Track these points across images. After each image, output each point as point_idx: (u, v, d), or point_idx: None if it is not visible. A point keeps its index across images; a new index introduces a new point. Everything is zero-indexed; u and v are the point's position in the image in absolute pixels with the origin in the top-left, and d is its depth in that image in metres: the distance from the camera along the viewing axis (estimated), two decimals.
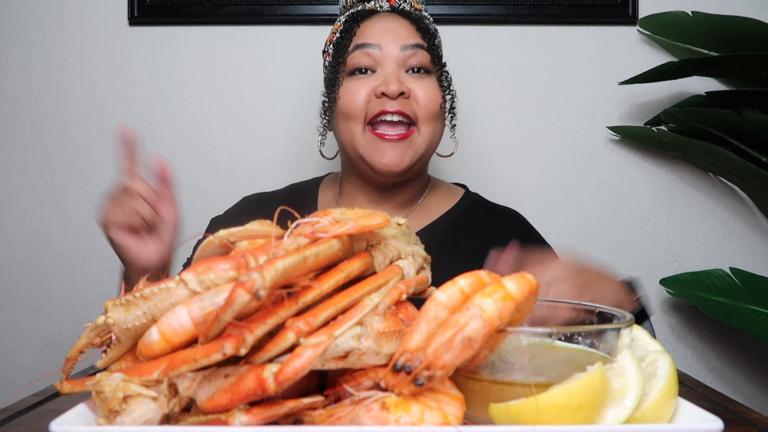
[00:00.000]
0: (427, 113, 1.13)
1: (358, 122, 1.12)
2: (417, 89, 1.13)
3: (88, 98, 1.66)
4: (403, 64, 1.13)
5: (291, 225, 0.54)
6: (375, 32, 1.15)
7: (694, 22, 1.55)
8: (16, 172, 1.67)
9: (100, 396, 0.50)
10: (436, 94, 1.14)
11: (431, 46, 1.16)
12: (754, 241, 1.64)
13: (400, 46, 1.13)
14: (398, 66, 1.13)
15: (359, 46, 1.14)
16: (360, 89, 1.12)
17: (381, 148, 1.11)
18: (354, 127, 1.13)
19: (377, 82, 1.12)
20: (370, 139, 1.12)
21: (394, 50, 1.13)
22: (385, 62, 1.13)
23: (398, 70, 1.13)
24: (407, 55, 1.13)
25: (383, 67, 1.13)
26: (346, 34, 1.17)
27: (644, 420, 0.53)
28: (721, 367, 1.66)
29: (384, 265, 0.60)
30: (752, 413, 0.63)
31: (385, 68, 1.13)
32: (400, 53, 1.13)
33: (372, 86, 1.12)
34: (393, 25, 1.16)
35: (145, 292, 0.51)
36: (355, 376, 0.53)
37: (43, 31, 1.65)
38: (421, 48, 1.14)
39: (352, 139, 1.14)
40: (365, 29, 1.16)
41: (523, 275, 0.53)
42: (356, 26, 1.17)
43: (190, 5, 1.63)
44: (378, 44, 1.13)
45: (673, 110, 1.54)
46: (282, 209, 0.56)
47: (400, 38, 1.14)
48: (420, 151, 1.14)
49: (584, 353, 0.55)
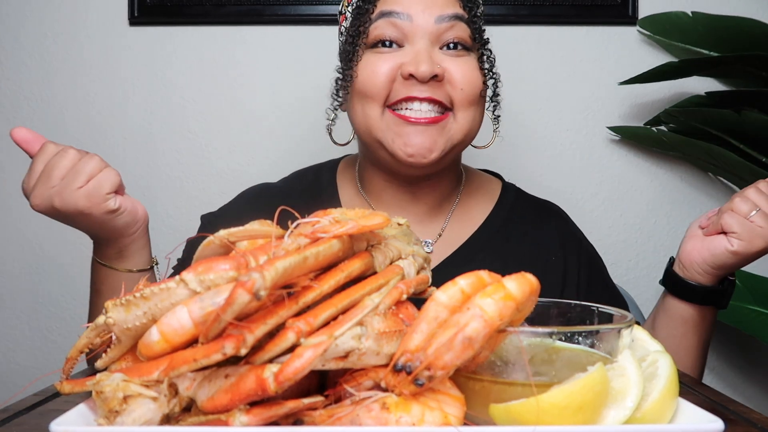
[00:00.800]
0: (465, 98, 0.95)
1: (377, 104, 0.95)
2: (453, 69, 0.94)
3: (88, 98, 1.65)
4: (438, 39, 0.95)
5: (291, 225, 0.54)
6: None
7: (694, 23, 1.55)
8: (16, 173, 1.67)
9: (100, 396, 0.50)
10: (476, 76, 0.96)
11: (472, 18, 0.96)
12: None
13: (435, 17, 0.94)
14: (431, 41, 0.94)
15: (384, 14, 0.95)
16: (382, 65, 0.94)
17: (405, 134, 0.93)
18: (370, 109, 0.95)
19: (405, 59, 0.93)
20: (390, 123, 0.94)
21: (427, 22, 0.93)
22: (415, 36, 0.94)
23: (431, 46, 0.94)
24: (443, 28, 0.94)
25: (413, 41, 0.94)
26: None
27: (645, 420, 0.53)
28: (721, 368, 1.66)
29: (384, 265, 0.60)
30: (753, 413, 0.63)
31: (415, 43, 0.94)
32: (434, 26, 0.94)
33: (398, 63, 0.94)
34: None
35: (145, 292, 0.51)
36: (355, 376, 0.53)
37: (44, 31, 1.65)
38: (461, 19, 0.95)
39: (367, 122, 0.96)
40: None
41: (524, 275, 0.53)
42: None
43: (190, 5, 1.63)
44: (407, 13, 0.94)
45: (673, 110, 1.54)
46: (282, 209, 0.56)
47: (436, 6, 0.94)
48: (455, 139, 0.96)
49: (585, 353, 0.55)
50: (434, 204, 1.07)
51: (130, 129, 1.66)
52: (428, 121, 0.94)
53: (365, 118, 0.96)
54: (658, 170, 1.65)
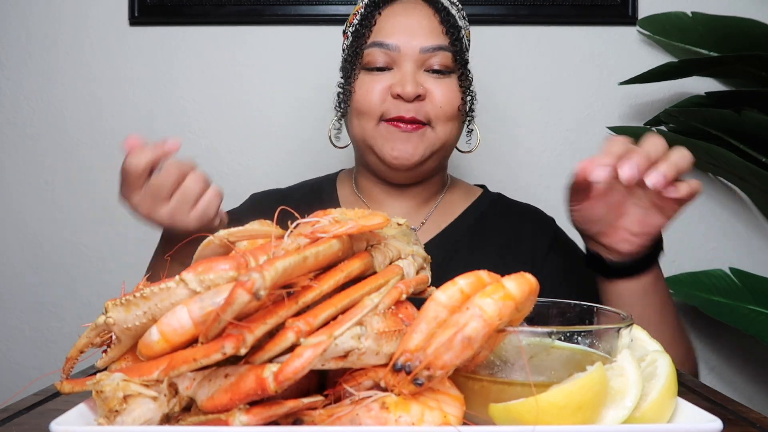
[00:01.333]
0: (443, 114, 1.08)
1: (372, 119, 1.09)
2: (434, 90, 1.08)
3: (89, 98, 1.66)
4: (422, 64, 1.08)
5: (291, 225, 0.54)
6: (395, 29, 1.09)
7: (694, 23, 1.55)
8: (16, 172, 1.67)
9: (101, 396, 0.50)
10: (454, 96, 1.09)
11: (454, 42, 1.09)
12: (753, 241, 1.65)
13: (420, 48, 1.08)
14: (416, 66, 1.08)
15: (376, 43, 1.09)
16: (375, 86, 1.08)
17: (392, 140, 1.07)
18: (366, 122, 1.09)
19: (393, 81, 1.08)
20: (382, 130, 1.08)
21: (413, 51, 1.08)
22: (402, 62, 1.08)
23: (416, 69, 1.08)
24: (427, 56, 1.08)
25: (400, 66, 1.08)
26: (366, 22, 1.11)
27: (644, 420, 0.53)
28: (720, 367, 1.66)
29: (384, 265, 0.61)
30: (752, 413, 0.63)
31: (402, 67, 1.08)
32: (419, 55, 1.08)
33: (388, 84, 1.08)
34: (414, 20, 1.09)
35: (145, 292, 0.51)
36: (355, 376, 0.53)
37: (44, 31, 1.65)
38: (443, 49, 1.08)
39: (363, 133, 1.10)
40: (385, 22, 1.10)
41: (523, 275, 0.53)
42: (377, 13, 1.11)
43: (190, 5, 1.63)
44: (396, 44, 1.08)
45: (673, 110, 1.54)
46: (282, 209, 0.56)
47: (420, 38, 1.08)
48: (434, 146, 1.09)
49: (584, 353, 0.56)
50: (421, 201, 1.19)
51: (130, 129, 1.66)
52: (412, 128, 1.07)
53: (361, 129, 1.11)
54: None
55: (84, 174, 1.65)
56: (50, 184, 1.66)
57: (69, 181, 1.66)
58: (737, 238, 1.65)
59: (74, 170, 1.66)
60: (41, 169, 1.66)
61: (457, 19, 1.13)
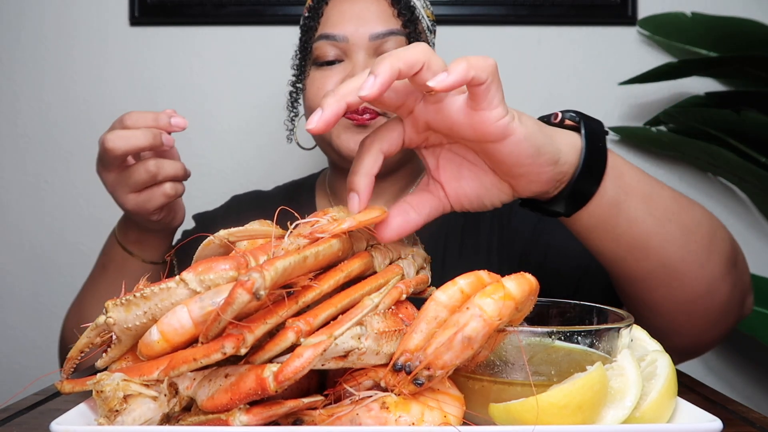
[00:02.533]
0: None
1: None
2: None
3: (89, 98, 1.66)
4: (375, 51, 1.01)
5: (290, 226, 0.54)
6: (342, 18, 1.02)
7: (693, 23, 1.55)
8: (15, 173, 1.67)
9: (101, 395, 0.50)
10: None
11: (407, 24, 1.02)
12: (753, 241, 1.65)
13: (369, 35, 1.00)
14: (368, 54, 1.01)
15: (323, 36, 1.02)
16: (326, 82, 1.01)
17: (348, 133, 1.01)
18: None
19: (344, 74, 1.02)
20: (340, 126, 1.01)
21: (362, 39, 1.00)
22: (353, 52, 1.01)
23: (368, 59, 1.01)
24: (378, 43, 1.01)
25: (351, 56, 1.02)
26: (313, 14, 1.05)
27: (643, 420, 0.53)
28: (720, 367, 1.66)
29: (384, 265, 0.61)
30: (751, 413, 0.63)
31: (353, 58, 1.01)
32: (369, 42, 1.01)
33: (339, 78, 1.02)
34: (362, 5, 1.02)
35: (145, 292, 0.51)
36: (355, 375, 0.53)
37: (44, 31, 1.65)
38: (395, 34, 1.01)
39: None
40: (332, 11, 1.04)
41: (523, 275, 0.53)
42: (324, 4, 1.05)
43: (190, 5, 1.63)
44: (344, 35, 1.01)
45: (672, 110, 1.54)
46: (282, 209, 0.56)
47: (369, 24, 1.01)
48: None
49: (584, 353, 0.56)
50: (393, 197, 1.12)
51: None
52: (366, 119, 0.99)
53: None
54: (658, 170, 1.65)
55: (83, 174, 1.65)
56: (49, 184, 1.67)
57: (68, 181, 1.66)
58: (737, 238, 1.64)
59: (73, 171, 1.66)
60: (40, 169, 1.66)
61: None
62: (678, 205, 0.74)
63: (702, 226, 0.76)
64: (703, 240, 0.75)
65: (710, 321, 0.80)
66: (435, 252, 0.84)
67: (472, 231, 1.12)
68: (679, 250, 0.74)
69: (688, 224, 0.74)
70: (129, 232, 0.98)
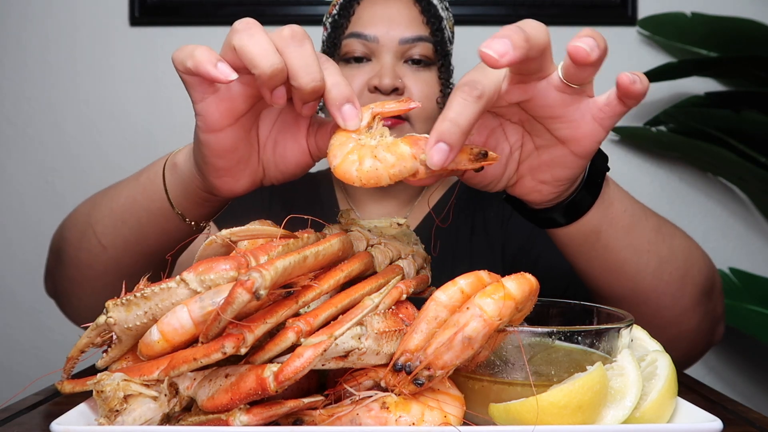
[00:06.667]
0: (422, 111, 1.04)
1: None
2: (412, 85, 1.04)
3: (89, 98, 1.66)
4: (402, 55, 1.05)
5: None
6: (373, 19, 1.05)
7: (693, 23, 1.55)
8: (16, 172, 1.67)
9: (101, 395, 0.50)
10: (432, 90, 1.06)
11: (435, 32, 1.06)
12: (753, 241, 1.65)
13: (398, 39, 1.04)
14: (396, 57, 1.05)
15: (354, 34, 1.05)
16: (353, 80, 1.03)
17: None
18: None
19: (372, 73, 1.04)
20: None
21: (392, 42, 1.04)
22: (381, 53, 1.04)
23: (395, 61, 1.05)
24: (406, 47, 1.05)
25: (379, 57, 1.05)
26: (344, 12, 1.08)
27: (644, 420, 0.53)
28: (720, 367, 1.66)
29: (384, 264, 0.61)
30: (751, 413, 0.63)
31: (380, 58, 1.04)
32: (398, 46, 1.04)
33: (367, 77, 1.04)
34: (394, 9, 1.05)
35: (145, 292, 0.51)
36: (355, 375, 0.53)
37: (44, 31, 1.65)
38: (423, 40, 1.05)
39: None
40: (364, 11, 1.07)
41: (523, 275, 0.53)
42: (356, 3, 1.08)
43: (190, 5, 1.63)
44: (374, 35, 1.04)
45: (672, 110, 1.54)
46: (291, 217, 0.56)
47: (400, 28, 1.04)
48: None
49: (584, 353, 0.56)
50: (405, 199, 1.15)
51: (130, 129, 1.66)
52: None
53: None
54: (658, 170, 1.65)
55: (84, 174, 1.65)
56: (51, 184, 1.67)
57: (69, 181, 1.66)
58: (737, 239, 1.65)
59: (75, 170, 1.66)
60: (42, 169, 1.66)
61: (438, 9, 1.10)
62: (658, 236, 0.75)
63: (678, 257, 0.76)
64: (678, 271, 0.76)
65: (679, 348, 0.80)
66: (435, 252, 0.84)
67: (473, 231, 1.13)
68: (652, 280, 0.74)
69: (664, 255, 0.74)
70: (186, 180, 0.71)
